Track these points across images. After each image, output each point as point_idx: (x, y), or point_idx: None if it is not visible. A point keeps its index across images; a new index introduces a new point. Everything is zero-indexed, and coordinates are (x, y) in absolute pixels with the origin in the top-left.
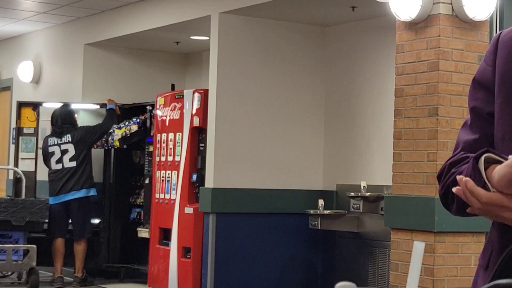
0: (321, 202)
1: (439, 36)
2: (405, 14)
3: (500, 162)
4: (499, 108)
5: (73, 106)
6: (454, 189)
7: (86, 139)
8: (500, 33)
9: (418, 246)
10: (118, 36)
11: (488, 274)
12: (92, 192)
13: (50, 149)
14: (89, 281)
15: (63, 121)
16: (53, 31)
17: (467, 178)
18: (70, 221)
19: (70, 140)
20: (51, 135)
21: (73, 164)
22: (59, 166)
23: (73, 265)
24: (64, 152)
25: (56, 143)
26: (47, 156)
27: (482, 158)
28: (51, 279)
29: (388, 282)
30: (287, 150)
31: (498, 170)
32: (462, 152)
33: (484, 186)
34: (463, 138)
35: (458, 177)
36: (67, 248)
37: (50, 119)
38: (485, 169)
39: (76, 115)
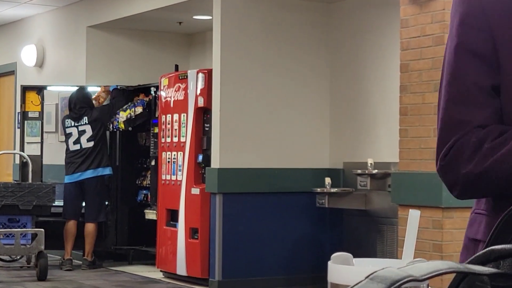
0: (328, 180)
1: (444, 9)
2: None
3: None
4: None
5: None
6: None
7: (102, 118)
8: None
9: (414, 214)
10: (120, 17)
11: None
12: (108, 170)
13: (67, 131)
14: (98, 264)
15: (81, 104)
16: (55, 14)
17: None
18: (83, 204)
19: (87, 122)
20: (68, 116)
21: (91, 144)
22: (77, 147)
23: (82, 248)
24: (81, 133)
25: (73, 124)
26: (65, 136)
27: None
28: (60, 261)
29: (396, 259)
30: (293, 128)
31: None
32: (478, 129)
33: None
34: (469, 116)
35: None
36: (78, 231)
37: (67, 104)
38: None
39: (92, 97)
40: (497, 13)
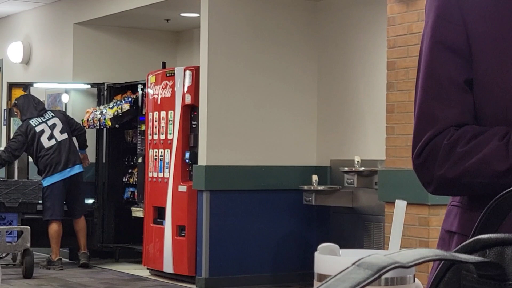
0: (315, 177)
1: None
2: None
3: None
4: (494, 73)
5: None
6: None
7: (66, 118)
8: None
9: (400, 204)
10: (107, 14)
11: None
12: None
13: (38, 129)
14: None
15: (39, 100)
16: (42, 11)
17: None
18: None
19: (54, 115)
20: (29, 118)
21: (65, 136)
22: (53, 142)
23: (66, 246)
24: (53, 126)
25: (41, 121)
26: (34, 138)
27: None
28: (46, 261)
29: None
30: (280, 126)
31: None
32: (452, 129)
33: None
34: (443, 113)
35: None
36: (68, 228)
37: (21, 107)
38: None
39: None
40: (471, 7)
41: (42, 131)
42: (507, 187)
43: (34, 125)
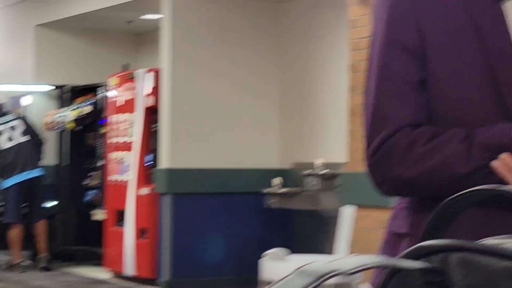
0: (276, 181)
1: None
2: None
3: None
4: (446, 73)
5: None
6: (495, 163)
7: (29, 123)
8: None
9: (346, 210)
10: (69, 16)
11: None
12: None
13: None
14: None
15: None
16: (3, 13)
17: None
18: (24, 204)
19: (16, 118)
20: None
21: (28, 137)
22: (12, 143)
23: (28, 249)
24: (14, 128)
25: (2, 122)
26: None
27: None
28: (8, 261)
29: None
30: (243, 129)
31: None
32: (408, 128)
33: None
34: (397, 112)
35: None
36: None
37: None
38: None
39: None
40: (424, 7)
41: (1, 132)
42: (464, 189)
43: None
